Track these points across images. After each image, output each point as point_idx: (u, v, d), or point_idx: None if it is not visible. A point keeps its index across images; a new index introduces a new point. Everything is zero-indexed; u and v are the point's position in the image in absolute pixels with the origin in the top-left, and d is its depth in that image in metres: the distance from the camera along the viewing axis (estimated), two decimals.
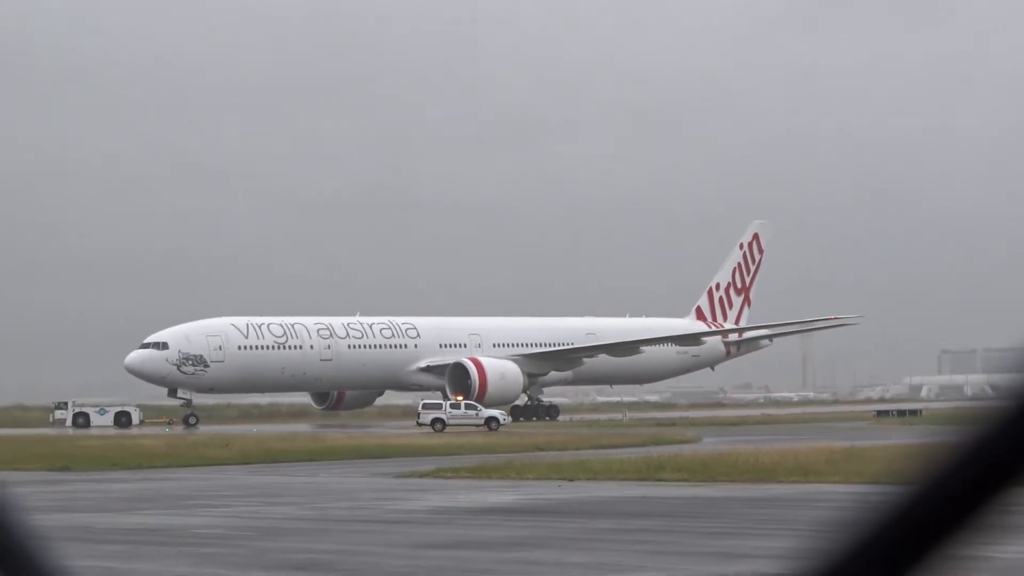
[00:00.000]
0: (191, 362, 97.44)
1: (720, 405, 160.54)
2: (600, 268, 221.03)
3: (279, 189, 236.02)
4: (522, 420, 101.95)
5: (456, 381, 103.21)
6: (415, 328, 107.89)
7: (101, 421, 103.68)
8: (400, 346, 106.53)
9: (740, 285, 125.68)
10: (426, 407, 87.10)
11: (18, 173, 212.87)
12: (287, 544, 26.66)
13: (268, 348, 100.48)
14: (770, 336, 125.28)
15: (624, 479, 42.89)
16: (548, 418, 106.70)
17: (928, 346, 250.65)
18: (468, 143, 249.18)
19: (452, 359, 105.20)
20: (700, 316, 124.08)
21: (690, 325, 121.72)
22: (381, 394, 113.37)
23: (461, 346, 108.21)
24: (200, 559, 24.58)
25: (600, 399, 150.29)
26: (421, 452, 59.84)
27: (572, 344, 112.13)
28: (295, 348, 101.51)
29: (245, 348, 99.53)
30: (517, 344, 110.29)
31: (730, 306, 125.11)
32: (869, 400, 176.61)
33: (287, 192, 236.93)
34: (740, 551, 24.82)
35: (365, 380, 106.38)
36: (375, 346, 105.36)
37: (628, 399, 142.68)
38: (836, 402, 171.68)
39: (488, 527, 29.53)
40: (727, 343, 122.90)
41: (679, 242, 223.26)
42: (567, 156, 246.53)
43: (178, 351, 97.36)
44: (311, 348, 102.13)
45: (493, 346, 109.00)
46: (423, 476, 45.64)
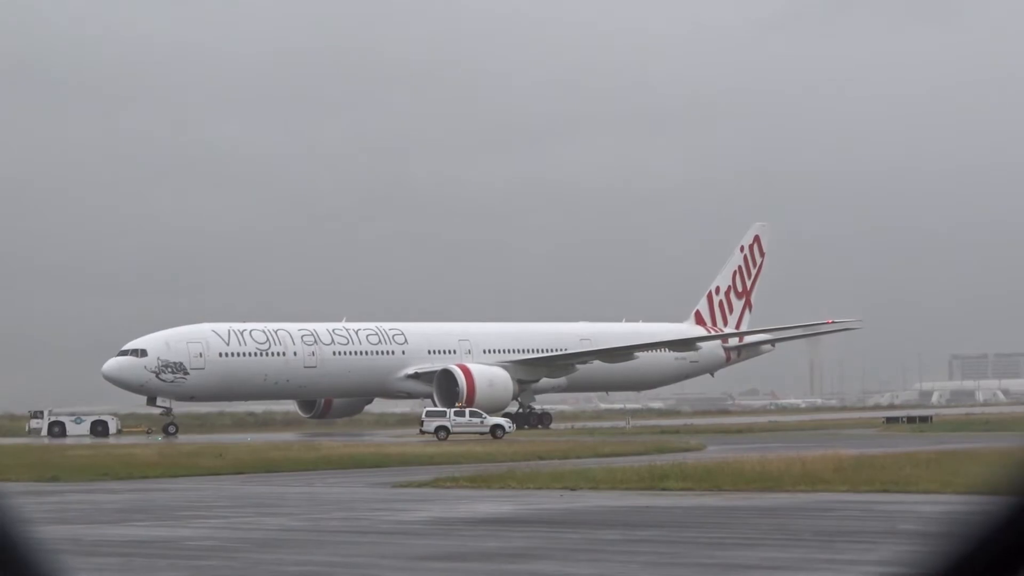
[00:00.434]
0: (170, 369, 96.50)
1: (726, 412, 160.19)
2: (599, 271, 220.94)
3: (275, 190, 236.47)
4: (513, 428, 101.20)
5: (444, 388, 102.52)
6: (403, 334, 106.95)
7: (77, 430, 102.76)
8: (387, 352, 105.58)
9: (741, 289, 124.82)
10: (430, 415, 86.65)
11: (8, 175, 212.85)
12: (282, 556, 26.46)
13: (250, 355, 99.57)
14: (772, 341, 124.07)
15: (627, 488, 42.51)
16: (540, 426, 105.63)
17: (938, 351, 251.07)
18: (466, 144, 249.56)
19: (441, 366, 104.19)
20: (699, 321, 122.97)
21: (689, 330, 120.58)
22: (370, 402, 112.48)
23: (451, 352, 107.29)
24: (193, 571, 24.42)
25: (603, 406, 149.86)
26: (419, 461, 59.37)
27: (566, 350, 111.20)
28: (278, 355, 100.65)
29: (226, 355, 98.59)
30: (508, 350, 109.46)
31: (730, 310, 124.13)
32: (878, 406, 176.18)
33: (285, 193, 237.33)
34: (746, 562, 24.56)
35: (350, 387, 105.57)
36: (361, 352, 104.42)
37: (632, 406, 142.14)
38: (844, 409, 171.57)
39: (488, 538, 29.18)
40: (727, 348, 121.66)
41: (679, 245, 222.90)
42: (566, 158, 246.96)
43: (157, 358, 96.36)
44: (294, 355, 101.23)
45: (484, 352, 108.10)
46: (421, 486, 45.16)
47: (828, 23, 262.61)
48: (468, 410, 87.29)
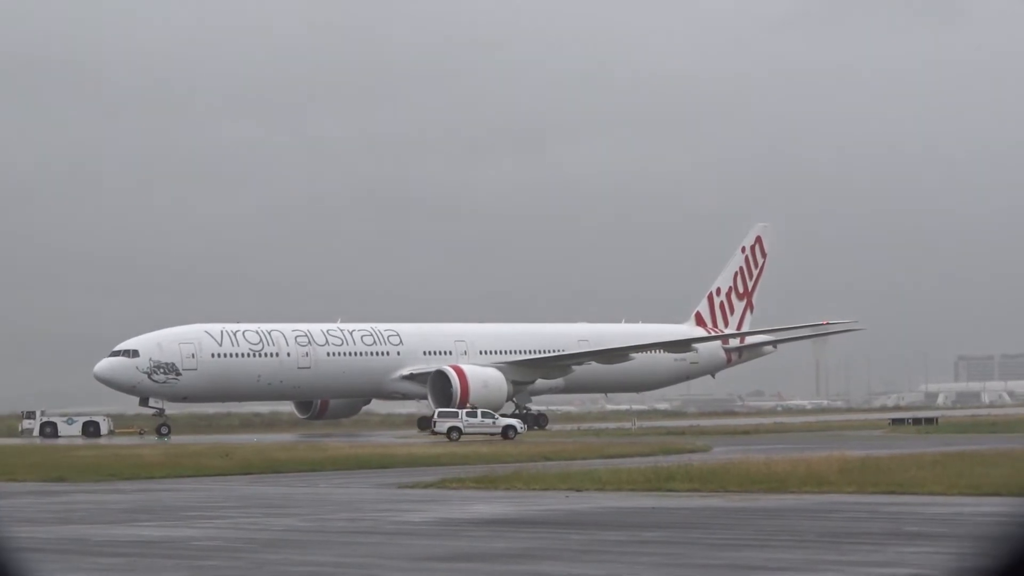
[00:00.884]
0: (162, 370, 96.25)
1: (732, 413, 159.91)
2: (600, 273, 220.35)
3: (276, 191, 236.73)
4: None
5: (438, 389, 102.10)
6: (398, 335, 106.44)
7: (69, 431, 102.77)
8: (382, 353, 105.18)
9: (742, 290, 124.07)
10: (442, 415, 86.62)
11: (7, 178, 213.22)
12: (288, 556, 26.45)
13: (243, 356, 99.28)
14: (773, 342, 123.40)
15: (633, 489, 42.47)
16: (536, 427, 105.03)
17: (944, 352, 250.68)
18: (468, 147, 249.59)
19: (436, 367, 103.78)
20: (700, 322, 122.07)
21: (689, 331, 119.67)
22: (368, 402, 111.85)
23: (446, 353, 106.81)
24: (199, 572, 24.42)
25: (610, 407, 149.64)
26: (425, 462, 59.28)
27: (563, 351, 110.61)
28: (271, 355, 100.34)
29: (219, 356, 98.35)
30: (504, 351, 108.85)
31: (731, 311, 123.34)
32: (884, 408, 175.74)
33: (285, 194, 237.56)
34: (752, 563, 24.56)
35: (345, 388, 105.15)
36: (355, 353, 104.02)
37: (638, 407, 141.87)
38: (850, 410, 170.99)
39: (493, 539, 29.18)
40: (728, 350, 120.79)
41: (680, 246, 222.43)
42: (567, 159, 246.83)
43: (149, 359, 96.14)
44: (288, 355, 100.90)
45: (480, 353, 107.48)
46: (427, 487, 45.11)
47: (831, 23, 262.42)
48: (480, 411, 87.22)
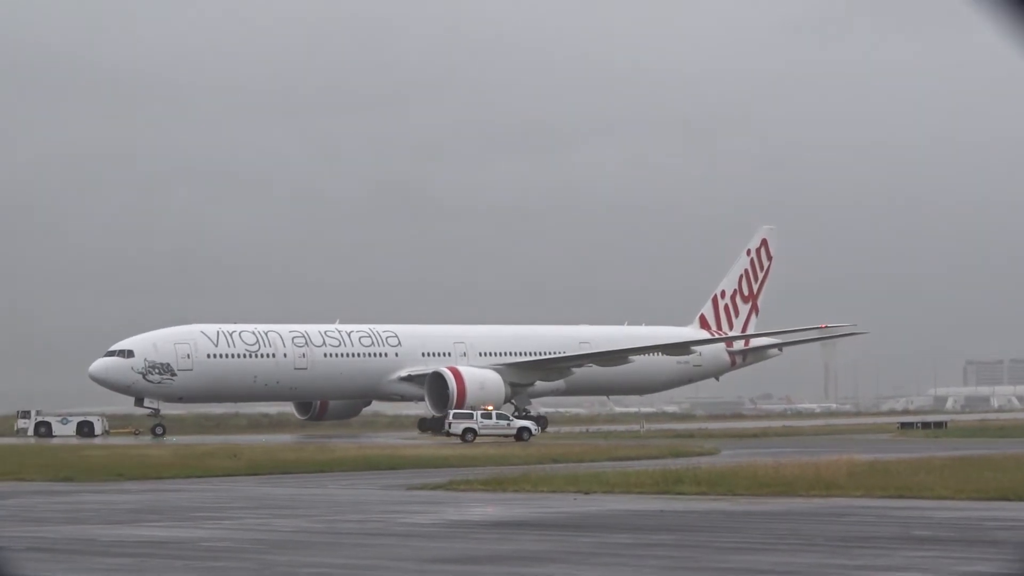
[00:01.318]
0: (158, 371, 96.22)
1: (740, 416, 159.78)
2: (604, 275, 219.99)
3: (277, 192, 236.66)
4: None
5: (435, 391, 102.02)
6: (396, 336, 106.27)
7: (64, 431, 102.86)
8: (380, 355, 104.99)
9: (747, 292, 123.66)
10: (457, 416, 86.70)
11: (11, 177, 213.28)
12: (296, 558, 26.41)
13: (239, 356, 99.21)
14: (779, 345, 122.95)
15: (641, 492, 42.45)
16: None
17: (953, 356, 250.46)
18: (470, 149, 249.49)
19: (434, 368, 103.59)
20: (704, 325, 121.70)
21: (692, 334, 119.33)
22: (368, 403, 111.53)
23: (445, 355, 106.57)
24: (208, 572, 24.40)
25: (618, 410, 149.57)
26: (434, 464, 59.27)
27: (564, 353, 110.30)
28: (268, 356, 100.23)
29: (215, 356, 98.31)
30: (504, 353, 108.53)
31: (736, 314, 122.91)
32: (893, 412, 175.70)
33: (286, 195, 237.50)
34: (759, 567, 24.49)
35: (342, 389, 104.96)
36: (353, 354, 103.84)
37: (646, 410, 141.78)
38: (859, 414, 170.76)
39: (501, 541, 29.15)
40: (732, 352, 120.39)
41: (686, 248, 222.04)
42: (575, 161, 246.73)
43: (144, 359, 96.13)
44: (284, 356, 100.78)
45: (480, 354, 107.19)
46: (435, 488, 45.11)
47: (838, 28, 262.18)
48: (495, 412, 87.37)
